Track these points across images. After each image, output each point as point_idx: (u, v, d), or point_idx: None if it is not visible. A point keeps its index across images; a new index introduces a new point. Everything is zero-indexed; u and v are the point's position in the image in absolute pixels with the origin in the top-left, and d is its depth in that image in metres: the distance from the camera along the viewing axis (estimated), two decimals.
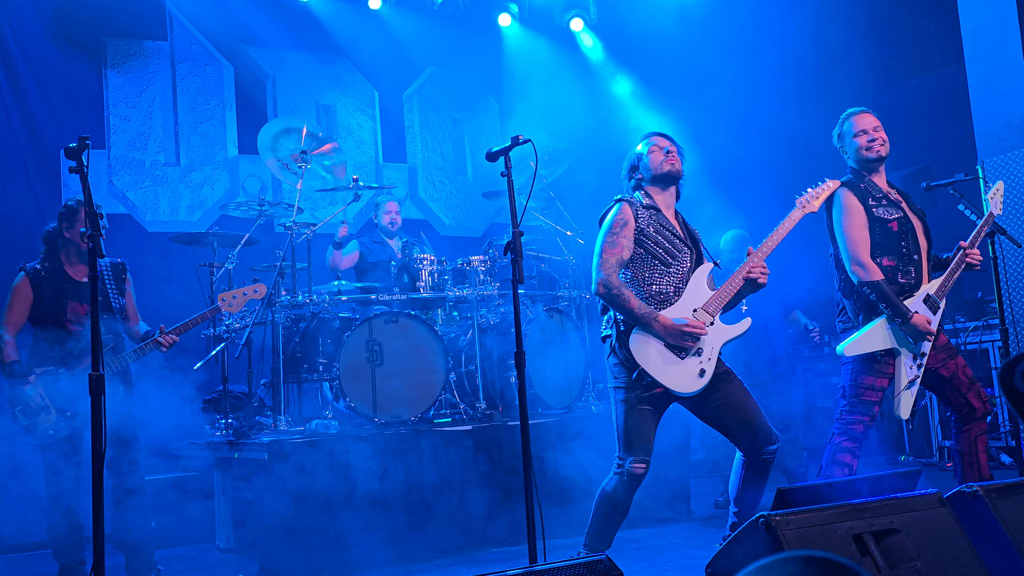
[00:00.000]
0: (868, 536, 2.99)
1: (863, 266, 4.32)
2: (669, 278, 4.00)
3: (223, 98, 8.85)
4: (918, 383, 4.34)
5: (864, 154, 4.46)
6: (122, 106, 8.40)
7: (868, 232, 4.37)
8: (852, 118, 4.55)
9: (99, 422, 3.25)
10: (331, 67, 9.38)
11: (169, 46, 8.68)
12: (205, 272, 6.54)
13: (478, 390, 6.15)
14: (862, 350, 4.33)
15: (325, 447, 5.27)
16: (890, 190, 4.52)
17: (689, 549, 5.09)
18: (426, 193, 9.76)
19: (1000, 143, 6.33)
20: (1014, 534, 3.22)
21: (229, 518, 6.00)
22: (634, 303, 3.87)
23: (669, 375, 3.86)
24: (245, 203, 6.43)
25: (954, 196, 5.11)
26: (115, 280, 5.12)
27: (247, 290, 5.19)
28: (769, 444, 3.93)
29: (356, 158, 9.23)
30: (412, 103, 9.84)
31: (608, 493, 3.97)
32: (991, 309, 7.44)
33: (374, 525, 5.23)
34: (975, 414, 4.39)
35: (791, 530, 2.91)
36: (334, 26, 9.12)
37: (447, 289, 6.31)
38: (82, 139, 3.38)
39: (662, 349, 3.88)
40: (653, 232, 4.02)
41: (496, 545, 5.50)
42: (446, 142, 9.98)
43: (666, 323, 3.85)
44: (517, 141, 3.77)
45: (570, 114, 9.18)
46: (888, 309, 4.27)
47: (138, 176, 8.39)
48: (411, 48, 9.39)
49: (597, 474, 5.60)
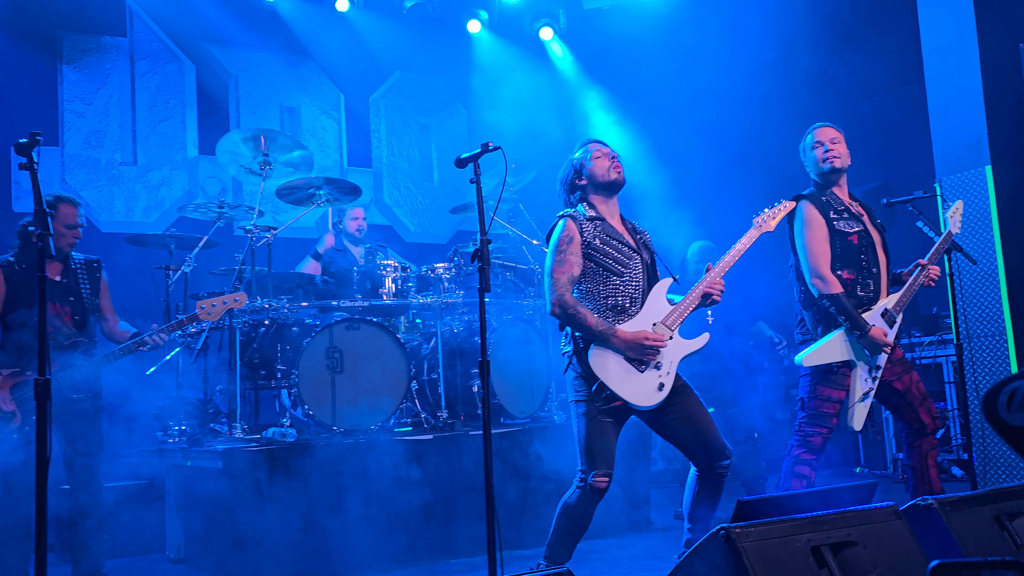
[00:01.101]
0: (826, 548, 3.03)
1: (823, 279, 4.37)
2: (623, 288, 4.00)
3: (184, 97, 8.73)
4: (872, 396, 4.41)
5: (820, 165, 4.54)
6: (77, 102, 8.25)
7: (829, 245, 4.42)
8: (814, 131, 4.65)
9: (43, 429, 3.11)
10: (296, 69, 9.30)
11: (128, 42, 8.54)
12: (161, 275, 6.44)
13: (440, 399, 6.10)
14: (819, 361, 4.38)
15: (281, 455, 5.17)
16: (852, 203, 4.59)
17: (649, 560, 5.10)
18: (391, 198, 9.71)
19: (958, 162, 6.43)
20: (967, 546, 3.28)
21: (180, 527, 5.85)
22: (591, 320, 3.88)
23: (628, 388, 3.88)
24: (204, 205, 6.34)
25: (912, 213, 5.18)
26: (89, 279, 4.99)
27: (227, 298, 5.02)
28: (723, 459, 3.95)
29: (320, 162, 9.14)
30: (379, 107, 9.79)
31: (570, 506, 3.96)
32: (945, 324, 7.57)
33: (330, 535, 5.16)
34: (925, 430, 4.47)
35: (750, 542, 2.93)
36: (300, 27, 9.05)
37: (410, 296, 6.27)
38: (33, 135, 3.30)
39: (621, 362, 3.89)
40: (600, 244, 4.02)
41: (456, 556, 5.46)
42: (412, 147, 9.94)
43: (625, 337, 3.86)
44: (487, 148, 3.76)
45: (538, 122, 9.19)
46: (847, 321, 4.32)
47: (93, 175, 8.25)
48: (379, 52, 9.34)
49: (561, 484, 5.60)
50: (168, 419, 6.17)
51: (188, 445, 5.69)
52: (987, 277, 6.24)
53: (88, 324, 4.91)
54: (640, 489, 6.11)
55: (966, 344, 6.28)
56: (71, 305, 4.86)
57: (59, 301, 4.82)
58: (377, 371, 5.80)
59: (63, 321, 4.81)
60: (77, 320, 4.87)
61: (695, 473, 4.04)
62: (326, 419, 5.65)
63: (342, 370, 5.73)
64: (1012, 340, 6.12)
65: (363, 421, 5.72)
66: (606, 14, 9.48)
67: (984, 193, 6.29)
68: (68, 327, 4.82)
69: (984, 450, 6.21)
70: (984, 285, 6.26)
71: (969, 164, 6.39)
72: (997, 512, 3.44)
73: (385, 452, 5.44)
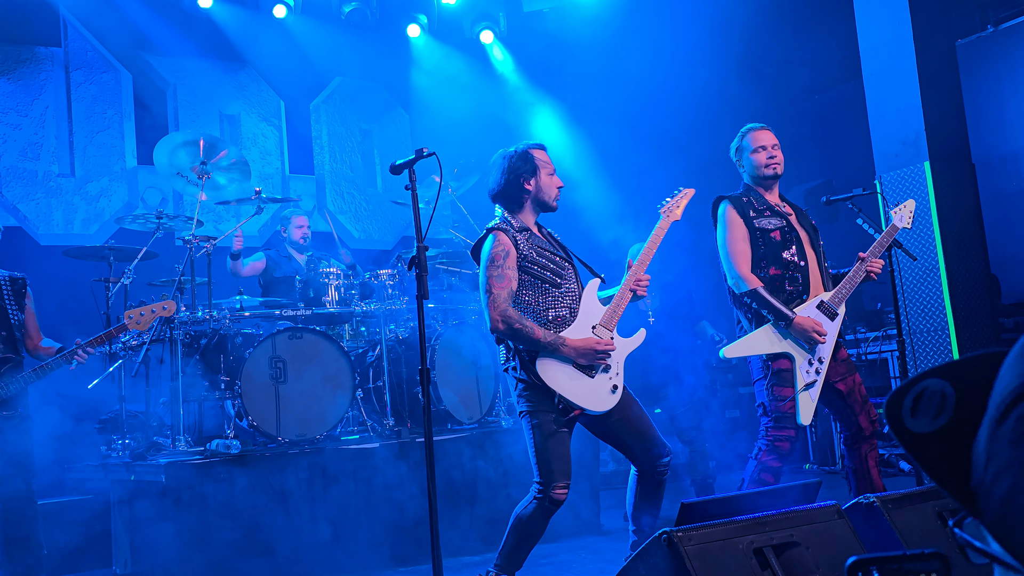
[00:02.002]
0: (768, 550, 3.02)
1: (739, 277, 4.35)
2: (562, 299, 3.92)
3: (121, 107, 8.57)
4: (818, 388, 4.32)
5: (763, 171, 4.48)
6: (12, 114, 8.07)
7: (749, 245, 4.40)
8: (751, 134, 4.56)
9: None
10: (235, 76, 9.17)
11: (63, 52, 8.37)
12: (101, 287, 6.32)
13: (386, 407, 6.05)
14: (743, 353, 4.34)
15: (226, 468, 5.11)
16: (779, 203, 4.55)
17: (599, 564, 5.08)
18: (334, 205, 9.62)
19: (896, 158, 6.51)
20: (910, 542, 3.30)
21: (126, 542, 5.76)
22: (538, 332, 3.77)
23: (583, 395, 3.81)
24: (143, 216, 6.25)
25: (853, 211, 5.22)
26: (14, 294, 4.86)
27: (155, 307, 4.96)
28: (663, 457, 3.91)
29: (261, 169, 9.03)
30: (320, 113, 9.69)
31: (526, 518, 3.82)
32: (890, 320, 7.66)
33: (276, 547, 5.10)
34: (863, 433, 4.45)
35: (692, 545, 2.92)
36: (237, 34, 8.91)
37: (354, 304, 6.21)
38: None
39: (570, 371, 3.81)
40: (535, 256, 3.92)
41: (403, 564, 5.40)
42: (355, 153, 9.85)
43: (575, 345, 3.79)
44: (421, 154, 3.75)
45: (480, 126, 9.16)
46: (771, 314, 4.28)
47: (30, 187, 8.07)
48: (318, 58, 9.23)
49: (511, 490, 5.59)
50: (111, 433, 6.08)
51: (131, 459, 5.61)
52: (928, 273, 6.32)
53: (14, 342, 4.80)
54: (590, 491, 6.10)
55: (908, 339, 6.35)
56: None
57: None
58: (321, 380, 5.75)
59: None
60: (3, 337, 4.74)
61: (635, 474, 4.00)
62: (271, 430, 5.59)
63: (286, 380, 5.67)
64: (954, 334, 6.21)
65: (309, 430, 5.66)
66: (546, 16, 9.47)
67: (924, 189, 6.37)
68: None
69: None
70: (925, 281, 6.34)
71: (908, 160, 6.47)
72: (940, 508, 3.46)
73: (331, 461, 5.40)
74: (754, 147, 4.52)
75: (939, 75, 6.53)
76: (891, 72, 6.56)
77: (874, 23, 6.70)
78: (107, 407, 6.38)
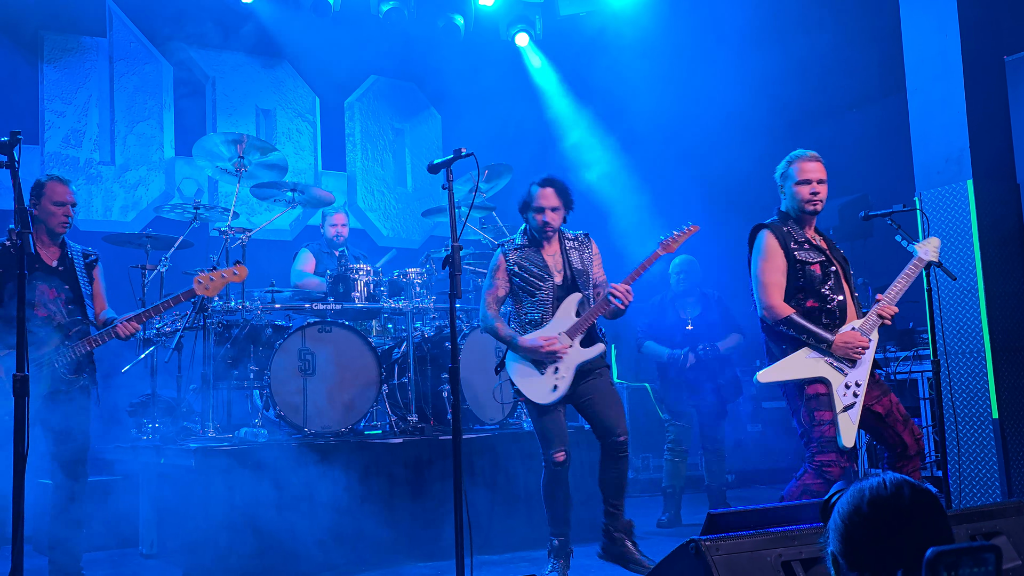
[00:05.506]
0: (797, 564, 2.98)
1: (771, 307, 4.27)
2: (535, 305, 4.73)
3: (161, 98, 8.66)
4: (858, 410, 4.22)
5: (804, 206, 4.36)
6: (58, 102, 8.18)
7: (785, 276, 4.30)
8: (799, 163, 4.39)
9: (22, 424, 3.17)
10: (272, 71, 9.24)
11: (108, 43, 8.47)
12: (137, 274, 6.39)
13: (410, 403, 6.08)
14: (777, 378, 4.25)
15: (253, 455, 5.19)
16: (815, 236, 4.45)
17: (615, 569, 5.04)
18: (365, 203, 9.65)
19: (939, 175, 6.37)
20: None
21: (153, 524, 5.87)
22: (503, 331, 4.70)
23: (529, 387, 4.65)
24: (180, 205, 6.33)
25: (891, 227, 5.14)
26: (85, 267, 4.97)
27: (225, 272, 4.92)
28: (615, 435, 4.59)
29: (295, 164, 9.07)
30: (353, 111, 9.73)
31: (543, 485, 4.68)
32: (922, 340, 7.54)
33: (300, 536, 5.15)
34: (908, 451, 4.31)
35: (720, 555, 2.89)
36: (277, 30, 8.96)
37: (382, 300, 6.25)
38: (13, 134, 3.36)
39: (526, 365, 4.66)
40: (519, 269, 4.75)
41: (424, 560, 5.42)
42: (387, 152, 9.88)
43: (524, 344, 4.63)
44: (459, 154, 3.82)
45: (512, 128, 9.16)
46: (810, 338, 4.22)
47: (72, 173, 8.13)
48: (354, 56, 9.24)
49: (531, 490, 5.57)
50: (142, 417, 6.17)
51: (161, 443, 5.69)
52: (966, 293, 6.19)
53: (84, 309, 4.88)
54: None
55: (943, 360, 6.23)
56: (65, 293, 4.84)
57: (55, 286, 4.79)
58: (348, 374, 5.81)
59: (59, 306, 4.79)
60: (76, 306, 4.82)
61: (599, 447, 4.71)
62: (297, 421, 5.66)
63: (313, 372, 5.73)
64: (990, 357, 6.09)
65: (334, 423, 5.73)
66: (582, 20, 9.43)
67: (965, 208, 6.23)
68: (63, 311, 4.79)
69: (959, 467, 6.19)
70: (963, 301, 6.22)
71: (950, 178, 6.33)
72: (972, 532, 3.40)
73: (355, 454, 5.44)
74: (799, 179, 4.37)
75: (986, 91, 6.38)
76: (937, 86, 6.43)
77: (921, 36, 6.56)
78: (139, 391, 6.47)
